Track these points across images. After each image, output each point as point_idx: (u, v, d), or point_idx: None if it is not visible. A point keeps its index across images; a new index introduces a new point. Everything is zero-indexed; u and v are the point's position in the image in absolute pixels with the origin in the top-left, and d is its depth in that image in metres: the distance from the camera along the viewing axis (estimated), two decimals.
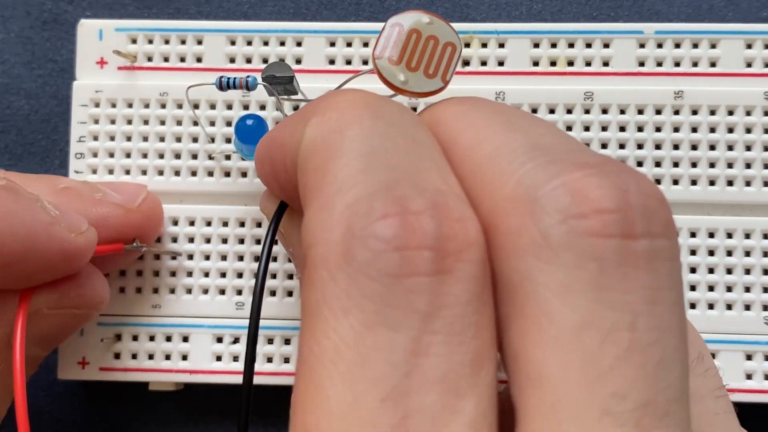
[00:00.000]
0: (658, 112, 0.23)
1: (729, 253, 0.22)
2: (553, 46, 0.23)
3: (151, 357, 0.23)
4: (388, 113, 0.14)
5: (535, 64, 0.23)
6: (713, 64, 0.23)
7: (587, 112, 0.23)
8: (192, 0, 0.26)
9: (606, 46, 0.23)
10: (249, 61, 0.24)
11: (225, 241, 0.23)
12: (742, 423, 0.23)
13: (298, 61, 0.24)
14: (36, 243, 0.18)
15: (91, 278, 0.21)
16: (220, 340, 0.23)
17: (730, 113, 0.23)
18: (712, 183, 0.23)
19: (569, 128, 0.23)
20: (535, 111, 0.23)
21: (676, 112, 0.23)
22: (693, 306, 0.22)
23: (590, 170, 0.12)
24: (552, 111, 0.23)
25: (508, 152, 0.13)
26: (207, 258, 0.23)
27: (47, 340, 0.21)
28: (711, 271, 0.22)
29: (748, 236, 0.22)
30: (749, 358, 0.22)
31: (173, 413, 0.25)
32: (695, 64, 0.23)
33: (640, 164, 0.23)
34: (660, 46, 0.23)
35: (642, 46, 0.23)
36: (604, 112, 0.23)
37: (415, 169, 0.13)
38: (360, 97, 0.14)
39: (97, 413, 0.25)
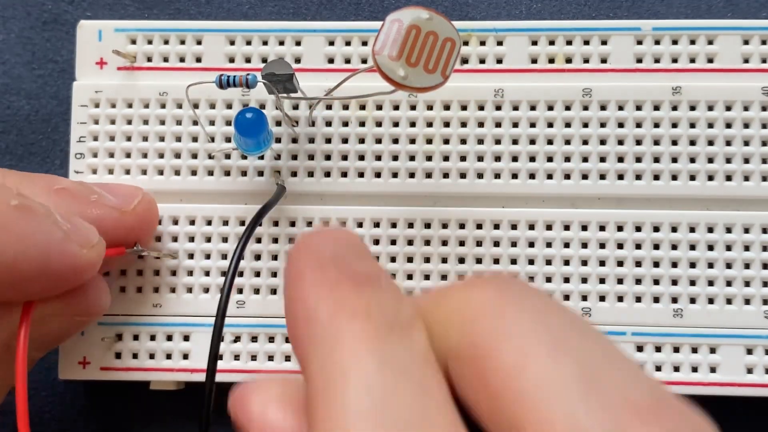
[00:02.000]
0: (657, 108, 0.23)
1: (728, 248, 0.23)
2: (551, 43, 0.24)
3: (152, 356, 0.23)
4: (397, 355, 0.13)
5: (534, 61, 0.24)
6: (711, 60, 0.23)
7: (586, 108, 0.23)
8: (192, 0, 0.27)
9: (604, 43, 0.23)
10: (248, 60, 0.24)
11: (225, 239, 0.23)
12: (743, 419, 0.24)
13: (298, 60, 0.24)
14: (50, 262, 0.18)
15: (95, 286, 0.21)
16: (221, 338, 0.23)
17: (728, 109, 0.23)
18: (710, 178, 0.23)
19: (568, 125, 0.23)
20: (533, 108, 0.23)
21: (675, 108, 0.23)
22: (693, 301, 0.22)
23: (644, 416, 0.11)
24: (551, 108, 0.23)
25: (557, 386, 0.12)
26: (207, 257, 0.23)
27: (45, 344, 0.21)
28: (710, 265, 0.23)
29: (747, 231, 0.23)
30: (750, 352, 0.22)
31: (174, 412, 0.25)
32: (693, 60, 0.23)
33: (638, 160, 0.23)
34: (658, 42, 0.23)
35: (640, 42, 0.23)
36: (603, 108, 0.23)
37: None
38: (365, 332, 0.13)
39: (98, 413, 0.25)
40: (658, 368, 0.22)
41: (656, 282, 0.23)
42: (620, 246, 0.23)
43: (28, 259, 0.18)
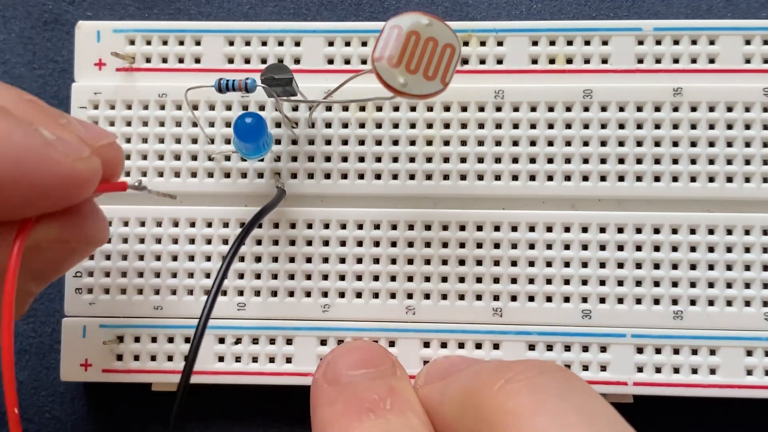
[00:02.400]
0: (657, 109, 0.23)
1: (729, 250, 0.23)
2: (552, 43, 0.23)
3: (153, 358, 0.23)
4: None
5: (534, 62, 0.23)
6: (712, 61, 0.23)
7: (586, 109, 0.23)
8: (193, 0, 0.26)
9: (605, 43, 0.23)
10: (248, 61, 0.24)
11: (225, 241, 0.23)
12: (743, 419, 0.24)
13: (297, 61, 0.24)
14: (28, 165, 0.17)
15: (93, 212, 0.20)
16: (222, 340, 0.23)
17: (729, 110, 0.23)
18: (711, 180, 0.23)
19: (569, 126, 0.23)
20: (534, 109, 0.23)
21: (675, 109, 0.23)
22: (693, 303, 0.22)
23: None
24: (551, 109, 0.23)
25: None
26: (208, 259, 0.23)
27: (42, 275, 0.20)
28: (711, 267, 0.23)
29: (747, 233, 0.23)
30: (749, 354, 0.22)
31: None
32: (694, 61, 0.23)
33: (639, 161, 0.23)
34: (659, 42, 0.23)
35: (641, 43, 0.23)
36: (603, 109, 0.23)
37: None
38: None
39: (99, 413, 0.25)
40: (658, 370, 0.22)
41: (656, 284, 0.23)
42: (621, 248, 0.23)
43: (3, 159, 0.16)
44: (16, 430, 0.16)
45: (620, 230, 0.23)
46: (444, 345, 0.23)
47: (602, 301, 0.23)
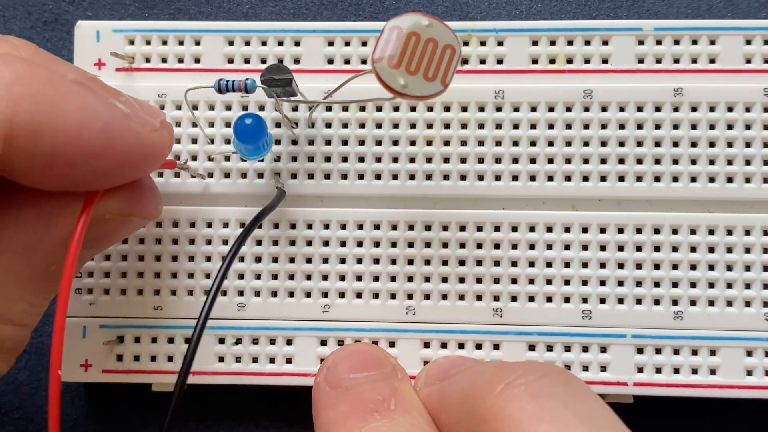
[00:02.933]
0: (658, 109, 0.23)
1: (729, 250, 0.23)
2: (552, 43, 0.23)
3: (153, 359, 0.23)
4: None
5: (534, 62, 0.23)
6: (712, 61, 0.23)
7: (587, 110, 0.23)
8: (192, 0, 0.26)
9: (605, 43, 0.23)
10: (247, 61, 0.24)
11: (226, 242, 0.23)
12: (743, 419, 0.24)
13: (297, 61, 0.24)
14: (113, 136, 0.18)
15: (152, 188, 0.21)
16: (222, 341, 0.23)
17: (730, 110, 0.23)
18: (711, 180, 0.23)
19: (569, 126, 0.23)
20: (534, 110, 0.23)
21: (676, 109, 0.23)
22: (693, 303, 0.22)
23: None
24: (551, 109, 0.23)
25: None
26: (208, 259, 0.23)
27: (98, 244, 0.21)
28: (711, 268, 0.23)
29: (748, 233, 0.23)
30: (749, 354, 0.22)
31: (177, 413, 0.25)
32: (694, 61, 0.23)
33: (639, 162, 0.23)
34: (659, 42, 0.23)
35: (641, 43, 0.23)
36: (604, 109, 0.23)
37: None
38: None
39: (99, 413, 0.25)
40: (658, 370, 0.22)
41: (657, 284, 0.23)
42: (621, 248, 0.23)
43: (91, 130, 0.17)
44: (56, 397, 0.17)
45: (620, 230, 0.23)
46: (444, 345, 0.23)
47: (602, 301, 0.23)
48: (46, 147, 0.16)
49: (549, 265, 0.23)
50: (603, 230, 0.23)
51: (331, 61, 0.24)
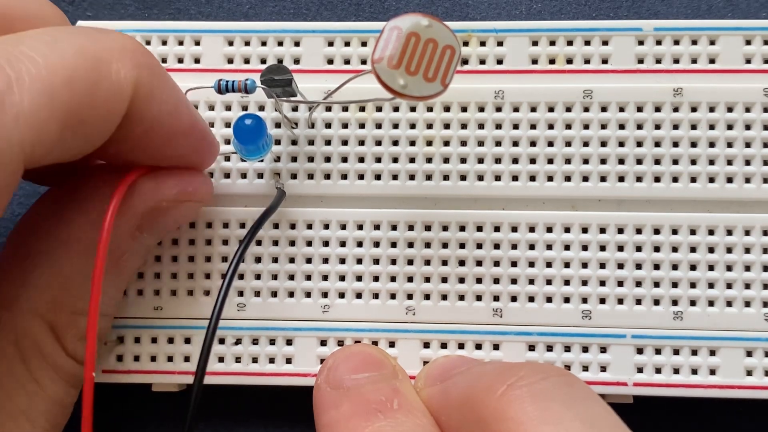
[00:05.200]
0: (658, 109, 0.23)
1: (729, 250, 0.23)
2: (552, 44, 0.23)
3: (153, 359, 0.23)
4: None
5: (534, 62, 0.23)
6: (712, 61, 0.23)
7: (586, 110, 0.23)
8: (192, 1, 0.26)
9: (605, 43, 0.23)
10: (247, 61, 0.24)
11: (226, 242, 0.23)
12: (743, 419, 0.24)
13: (297, 61, 0.24)
14: (197, 118, 0.20)
15: (206, 176, 0.23)
16: (222, 341, 0.23)
17: (730, 110, 0.23)
18: (711, 180, 0.23)
19: (569, 126, 0.23)
20: (534, 110, 0.23)
21: (676, 110, 0.23)
22: (693, 303, 0.22)
23: None
24: (551, 109, 0.23)
25: None
26: (208, 260, 0.23)
27: (158, 230, 0.22)
28: (711, 268, 0.23)
29: (747, 233, 0.23)
30: (749, 354, 0.22)
31: (176, 413, 0.25)
32: (694, 61, 0.23)
33: (639, 162, 0.23)
34: (659, 43, 0.23)
35: (641, 43, 0.23)
36: (603, 110, 0.23)
37: None
38: None
39: (99, 413, 0.25)
40: (658, 370, 0.22)
41: (656, 284, 0.23)
42: (621, 248, 0.23)
43: (185, 107, 0.20)
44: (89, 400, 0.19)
45: (620, 231, 0.23)
46: (444, 345, 0.23)
47: (602, 301, 0.23)
48: (153, 114, 0.18)
49: (549, 265, 0.23)
50: (603, 230, 0.23)
51: (331, 62, 0.24)
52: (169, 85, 0.19)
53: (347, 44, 0.24)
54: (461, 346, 0.23)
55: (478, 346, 0.23)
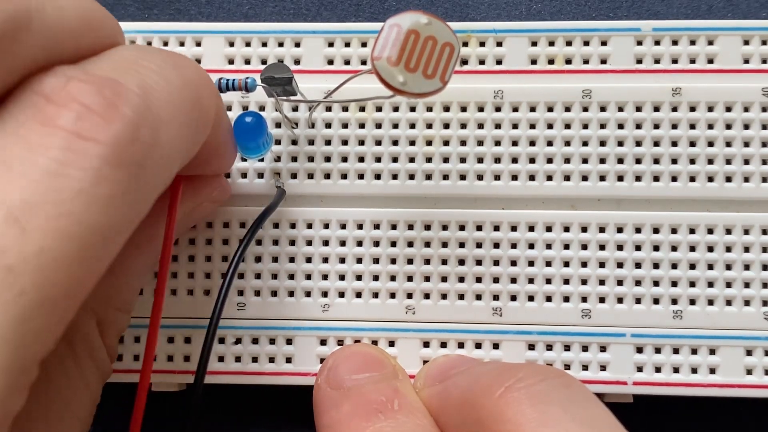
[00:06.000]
0: (656, 109, 0.23)
1: (728, 249, 0.23)
2: (551, 44, 0.23)
3: (153, 358, 0.23)
4: None
5: (533, 62, 0.24)
6: (711, 61, 0.23)
7: (585, 109, 0.23)
8: (193, 1, 0.27)
9: (604, 43, 0.23)
10: (248, 62, 0.24)
11: (226, 242, 0.23)
12: (742, 419, 0.24)
13: (297, 62, 0.24)
14: (230, 135, 0.21)
15: (227, 180, 0.23)
16: (222, 340, 0.23)
17: (728, 110, 0.23)
18: (710, 179, 0.23)
19: (568, 126, 0.23)
20: (533, 110, 0.23)
21: (674, 109, 0.23)
22: (693, 302, 0.23)
23: None
24: (550, 109, 0.23)
25: None
26: (208, 259, 0.23)
27: (181, 231, 0.23)
28: (710, 267, 0.23)
29: (747, 232, 0.23)
30: (749, 353, 0.22)
31: (176, 413, 0.25)
32: (693, 61, 0.23)
33: (638, 161, 0.23)
34: (658, 43, 0.23)
35: (640, 43, 0.23)
36: (603, 109, 0.23)
37: None
38: None
39: (99, 413, 0.25)
40: (658, 369, 0.22)
41: (656, 283, 0.23)
42: (620, 247, 0.23)
43: (230, 127, 0.21)
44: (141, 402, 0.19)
45: (620, 230, 0.23)
46: (444, 345, 0.23)
47: (602, 300, 0.23)
48: (219, 139, 0.19)
49: (548, 264, 0.23)
50: (602, 230, 0.23)
51: (331, 62, 0.24)
52: (225, 109, 0.20)
53: (347, 45, 0.24)
54: (461, 345, 0.23)
55: (478, 345, 0.23)
